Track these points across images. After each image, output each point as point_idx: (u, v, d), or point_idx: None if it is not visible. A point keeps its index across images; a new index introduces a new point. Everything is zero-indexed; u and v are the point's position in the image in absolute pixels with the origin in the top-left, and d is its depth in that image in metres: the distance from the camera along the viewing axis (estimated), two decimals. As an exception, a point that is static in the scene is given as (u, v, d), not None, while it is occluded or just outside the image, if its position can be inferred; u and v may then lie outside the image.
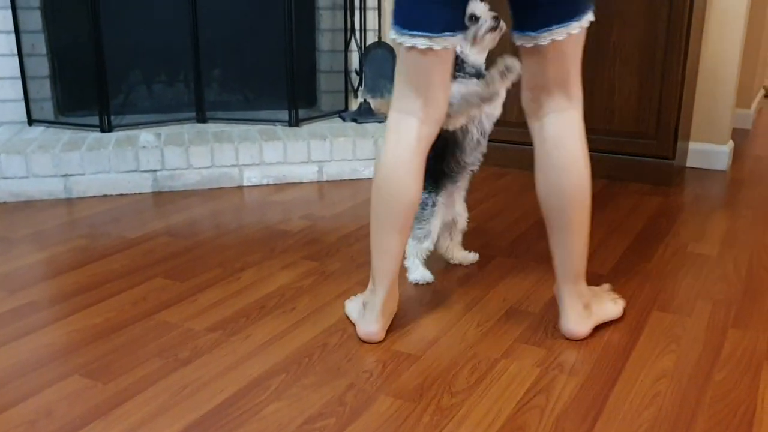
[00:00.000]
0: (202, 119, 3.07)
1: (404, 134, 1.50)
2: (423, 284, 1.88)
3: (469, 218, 1.98)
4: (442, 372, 1.45)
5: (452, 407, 1.33)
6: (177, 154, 2.69)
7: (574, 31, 1.40)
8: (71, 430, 1.26)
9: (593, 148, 2.87)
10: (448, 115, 1.65)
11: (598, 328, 1.62)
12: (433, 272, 1.90)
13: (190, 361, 1.49)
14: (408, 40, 1.43)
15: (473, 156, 1.84)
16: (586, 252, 1.55)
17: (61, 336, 1.59)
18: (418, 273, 1.89)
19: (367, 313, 1.58)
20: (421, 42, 1.42)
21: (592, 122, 2.87)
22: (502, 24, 1.75)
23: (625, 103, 2.80)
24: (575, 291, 1.57)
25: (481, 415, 1.30)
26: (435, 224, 1.88)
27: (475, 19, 1.71)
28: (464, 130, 1.79)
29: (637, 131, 2.80)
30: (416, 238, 1.87)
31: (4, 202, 2.55)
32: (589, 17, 1.42)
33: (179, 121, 3.03)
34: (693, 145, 3.07)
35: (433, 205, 1.86)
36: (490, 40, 1.75)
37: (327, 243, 2.17)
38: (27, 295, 1.80)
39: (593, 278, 1.90)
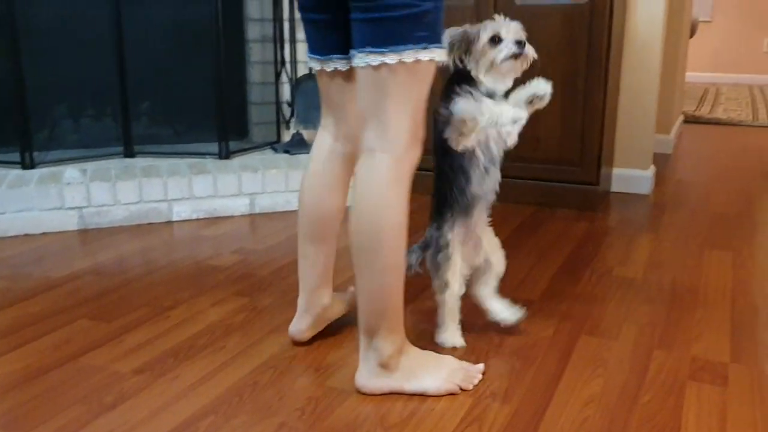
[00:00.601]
0: (129, 154, 3.01)
1: (319, 148, 1.61)
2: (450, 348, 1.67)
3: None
4: (374, 407, 1.44)
5: (385, 442, 1.32)
6: (104, 189, 2.62)
7: (390, 61, 1.27)
8: (-14, 486, 1.20)
9: (520, 175, 2.95)
10: (458, 133, 1.52)
11: (529, 353, 1.64)
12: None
13: (115, 405, 1.44)
14: (308, 62, 1.54)
15: (483, 186, 1.61)
16: (386, 310, 1.41)
17: (-22, 385, 1.52)
18: (445, 335, 1.67)
19: (297, 313, 1.69)
20: (314, 64, 1.52)
21: (518, 150, 2.91)
22: (529, 50, 1.53)
23: (549, 132, 2.87)
24: (368, 345, 1.44)
25: (414, 449, 1.30)
26: (453, 270, 1.62)
27: (497, 40, 1.51)
28: (470, 156, 1.57)
29: (562, 158, 2.88)
30: (436, 291, 1.66)
31: None
32: (420, 55, 1.28)
33: (106, 156, 2.96)
34: (616, 171, 3.17)
35: (447, 246, 1.60)
36: (510, 69, 1.54)
37: (259, 277, 2.14)
38: (-59, 342, 1.72)
39: (523, 305, 1.92)
